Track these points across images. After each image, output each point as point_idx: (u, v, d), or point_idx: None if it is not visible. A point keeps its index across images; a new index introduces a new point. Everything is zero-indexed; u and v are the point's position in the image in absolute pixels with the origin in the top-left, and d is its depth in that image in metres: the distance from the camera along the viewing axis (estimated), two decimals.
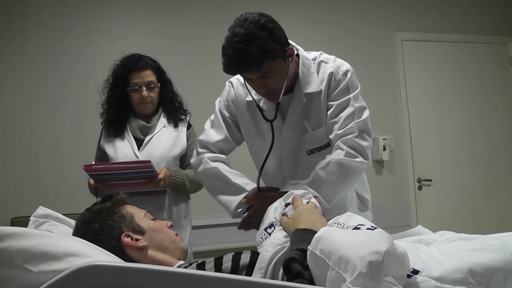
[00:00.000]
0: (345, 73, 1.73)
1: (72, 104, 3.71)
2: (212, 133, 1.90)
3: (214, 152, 1.88)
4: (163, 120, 2.42)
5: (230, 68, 1.57)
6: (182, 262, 1.38)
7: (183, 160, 2.42)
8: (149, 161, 2.12)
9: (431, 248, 1.24)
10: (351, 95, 1.70)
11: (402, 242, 1.34)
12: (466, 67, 4.62)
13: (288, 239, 1.19)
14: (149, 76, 2.36)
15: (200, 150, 1.90)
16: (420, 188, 4.44)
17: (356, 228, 1.08)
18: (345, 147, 1.62)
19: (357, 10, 4.43)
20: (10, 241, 1.04)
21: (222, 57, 1.57)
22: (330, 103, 1.71)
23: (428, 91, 4.53)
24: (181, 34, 3.98)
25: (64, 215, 1.63)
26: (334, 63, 1.76)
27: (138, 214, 1.44)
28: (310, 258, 1.04)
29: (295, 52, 1.70)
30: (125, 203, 1.46)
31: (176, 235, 1.47)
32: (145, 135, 2.38)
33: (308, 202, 1.36)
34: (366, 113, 1.71)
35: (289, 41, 1.72)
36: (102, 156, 2.42)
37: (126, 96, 2.37)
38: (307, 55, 1.78)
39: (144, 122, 2.39)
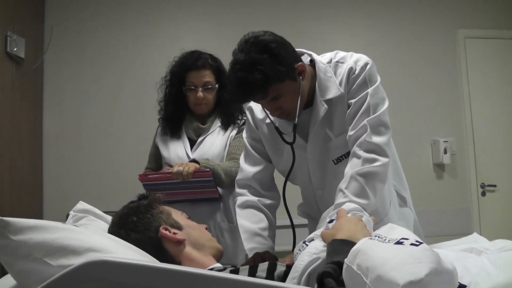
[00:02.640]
0: (363, 67, 1.59)
1: (130, 103, 3.80)
2: (247, 168, 1.84)
3: (255, 187, 1.82)
4: (218, 122, 2.35)
5: (236, 97, 1.53)
6: (217, 265, 1.36)
7: None
8: (208, 171, 2.04)
9: (482, 258, 1.14)
10: (369, 90, 1.56)
11: (450, 251, 1.24)
12: None
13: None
14: (207, 76, 2.26)
15: (238, 191, 1.85)
16: (483, 194, 4.20)
17: (398, 242, 0.97)
18: (361, 153, 1.51)
19: (417, 6, 4.27)
20: (31, 234, 1.05)
21: (228, 85, 1.53)
22: (349, 101, 1.59)
23: (493, 91, 4.29)
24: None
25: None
26: (351, 59, 1.63)
27: (175, 212, 1.45)
28: (346, 272, 0.96)
29: (306, 70, 1.57)
30: (161, 203, 1.47)
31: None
32: (199, 136, 2.32)
33: None
34: (383, 106, 1.58)
35: (303, 51, 1.64)
36: (156, 153, 2.38)
37: (183, 95, 2.29)
38: (321, 59, 1.66)
39: (198, 123, 2.32)
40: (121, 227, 1.37)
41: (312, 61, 1.67)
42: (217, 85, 2.30)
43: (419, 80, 4.18)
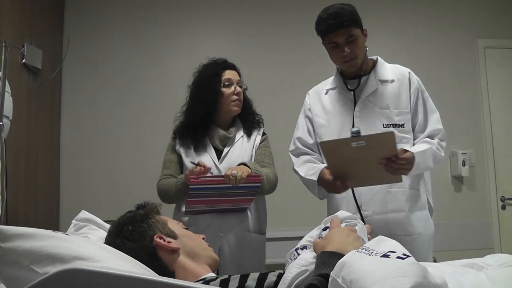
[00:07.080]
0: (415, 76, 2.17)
1: (147, 114, 3.84)
2: (301, 139, 2.29)
3: (306, 152, 2.27)
4: (241, 131, 2.39)
5: (327, 26, 1.96)
6: (210, 274, 1.35)
7: None
8: (261, 176, 2.14)
9: (481, 274, 1.09)
10: (431, 102, 2.20)
11: (448, 266, 1.20)
12: None
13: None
14: (238, 75, 2.39)
15: (294, 160, 2.28)
16: (504, 207, 4.07)
17: (385, 255, 0.95)
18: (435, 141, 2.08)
19: (437, 16, 4.21)
20: (19, 241, 1.06)
21: (318, 18, 2.00)
22: (418, 101, 2.13)
23: None
24: (258, 45, 4.01)
25: None
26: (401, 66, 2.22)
27: (172, 221, 1.46)
28: (331, 285, 0.94)
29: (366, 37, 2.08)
30: (159, 213, 1.48)
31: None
32: (224, 146, 2.33)
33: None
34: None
35: None
36: (178, 160, 2.36)
37: (217, 96, 2.31)
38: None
39: (224, 132, 2.34)
40: (117, 236, 1.37)
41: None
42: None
43: (438, 90, 4.08)
